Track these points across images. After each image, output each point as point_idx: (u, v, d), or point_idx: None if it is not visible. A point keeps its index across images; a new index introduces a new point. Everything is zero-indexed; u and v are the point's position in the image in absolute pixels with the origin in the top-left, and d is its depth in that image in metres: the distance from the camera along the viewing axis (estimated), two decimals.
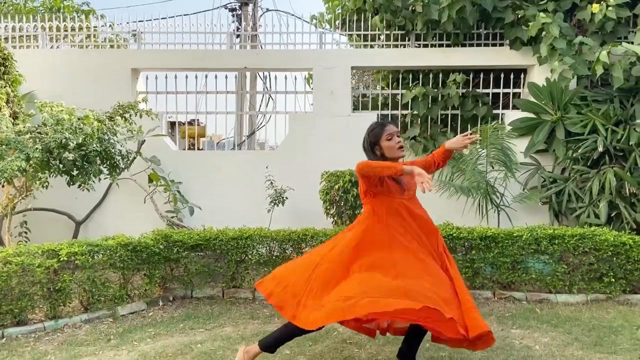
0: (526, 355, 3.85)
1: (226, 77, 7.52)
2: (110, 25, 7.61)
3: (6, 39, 7.43)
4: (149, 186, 6.84)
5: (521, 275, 5.43)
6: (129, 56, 7.44)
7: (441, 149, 3.51)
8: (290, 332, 3.26)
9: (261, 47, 8.22)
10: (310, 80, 8.38)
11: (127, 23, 7.61)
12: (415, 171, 2.87)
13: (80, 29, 7.40)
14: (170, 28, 7.58)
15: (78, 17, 7.84)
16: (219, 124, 25.51)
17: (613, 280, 5.27)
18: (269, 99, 10.03)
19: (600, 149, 6.14)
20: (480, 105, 7.43)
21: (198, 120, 9.32)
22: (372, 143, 3.27)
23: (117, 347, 4.12)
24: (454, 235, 5.43)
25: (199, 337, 4.30)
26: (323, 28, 8.34)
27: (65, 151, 5.02)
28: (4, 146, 4.68)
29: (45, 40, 7.50)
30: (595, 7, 6.39)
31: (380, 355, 3.82)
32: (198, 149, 11.81)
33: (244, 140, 10.55)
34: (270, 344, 3.31)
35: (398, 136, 3.27)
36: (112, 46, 7.74)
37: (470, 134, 3.44)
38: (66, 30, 7.54)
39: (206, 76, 7.59)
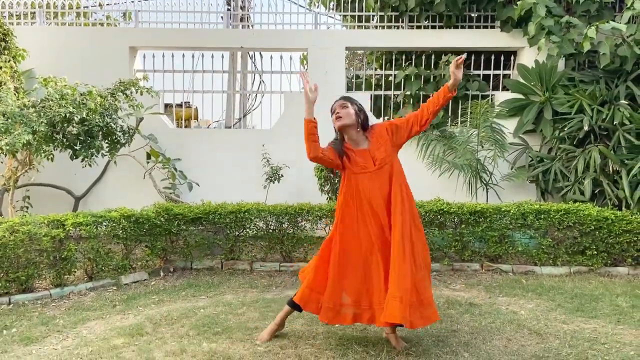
0: (512, 319, 4.08)
1: (222, 56, 7.65)
2: (107, 4, 7.65)
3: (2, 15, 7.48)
4: (147, 162, 6.97)
5: (508, 249, 5.67)
6: (128, 34, 7.52)
7: (443, 89, 3.39)
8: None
9: (251, 27, 8.32)
10: (305, 61, 8.52)
11: (124, 2, 7.67)
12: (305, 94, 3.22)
13: (78, 7, 7.45)
14: (167, 7, 7.66)
15: None
16: (210, 106, 25.54)
17: (595, 253, 5.54)
18: (260, 81, 10.12)
19: (586, 128, 6.38)
20: (471, 82, 7.62)
21: (189, 103, 9.39)
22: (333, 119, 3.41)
23: (123, 311, 4.30)
24: (445, 210, 5.65)
25: (201, 303, 4.50)
26: (317, 9, 8.46)
27: (69, 125, 5.15)
28: (9, 120, 4.79)
29: (42, 18, 7.55)
30: None
31: None
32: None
33: (238, 122, 10.64)
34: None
35: (343, 107, 3.35)
36: (101, 24, 7.80)
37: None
38: (63, 8, 7.59)
39: (203, 55, 7.69)
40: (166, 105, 8.86)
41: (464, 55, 3.28)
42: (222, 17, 8.07)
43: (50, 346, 3.55)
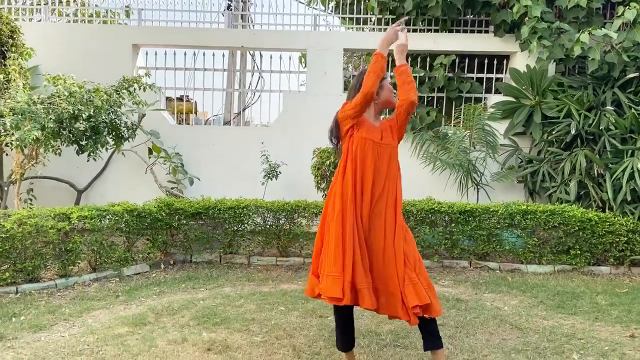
0: (496, 314, 4.30)
1: (223, 55, 7.83)
2: None
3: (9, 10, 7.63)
4: (149, 158, 7.16)
5: (496, 247, 5.91)
6: (131, 32, 7.69)
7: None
8: (335, 317, 3.17)
9: (251, 27, 8.51)
10: (303, 60, 8.71)
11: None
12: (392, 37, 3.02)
13: (83, 4, 7.62)
14: (169, 6, 7.84)
15: None
16: (209, 101, 25.71)
17: (579, 252, 5.78)
18: (259, 77, 10.30)
19: (573, 132, 6.60)
20: (464, 83, 7.82)
21: (188, 96, 9.59)
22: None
23: (126, 302, 4.51)
24: (436, 209, 5.87)
25: (200, 295, 4.71)
26: (316, 8, 8.65)
27: (77, 122, 5.35)
28: (19, 116, 4.98)
29: (47, 13, 7.71)
30: None
31: (366, 312, 4.23)
32: (187, 124, 12.15)
33: (235, 117, 10.81)
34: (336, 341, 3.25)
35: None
36: (104, 22, 7.98)
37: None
38: (68, 4, 7.75)
39: (204, 54, 7.88)
40: (167, 99, 9.05)
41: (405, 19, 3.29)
42: (223, 15, 8.25)
43: (58, 333, 3.75)
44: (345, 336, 3.15)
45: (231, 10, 8.04)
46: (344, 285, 2.81)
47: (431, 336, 3.03)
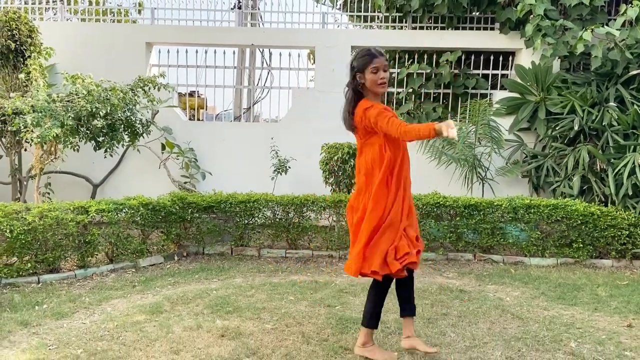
0: (498, 305, 4.45)
1: (234, 52, 7.99)
2: None
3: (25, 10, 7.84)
4: (162, 153, 7.37)
5: (500, 240, 6.05)
6: (144, 31, 7.90)
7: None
8: (378, 295, 3.33)
9: (261, 25, 8.68)
10: (312, 56, 8.86)
11: None
12: (444, 127, 2.71)
13: (97, 3, 7.81)
14: (181, 5, 8.03)
15: None
16: (219, 98, 25.94)
17: (581, 246, 5.90)
18: (267, 74, 10.48)
19: (576, 128, 6.72)
20: (470, 80, 7.96)
21: (198, 92, 9.77)
22: (358, 68, 3.10)
23: (142, 291, 4.71)
24: (441, 203, 6.02)
25: (213, 285, 4.90)
26: (324, 4, 8.80)
27: (94, 119, 5.57)
28: (40, 113, 5.20)
29: (63, 13, 7.92)
30: None
31: None
32: (198, 119, 12.39)
33: (244, 112, 10.99)
34: (366, 317, 3.35)
35: (385, 71, 3.08)
36: (118, 20, 8.18)
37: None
38: (83, 2, 7.95)
39: (215, 51, 8.04)
40: (178, 95, 9.25)
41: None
42: (233, 14, 8.43)
43: (79, 321, 3.94)
44: (380, 312, 3.37)
45: (241, 8, 8.20)
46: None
47: (408, 304, 3.38)
